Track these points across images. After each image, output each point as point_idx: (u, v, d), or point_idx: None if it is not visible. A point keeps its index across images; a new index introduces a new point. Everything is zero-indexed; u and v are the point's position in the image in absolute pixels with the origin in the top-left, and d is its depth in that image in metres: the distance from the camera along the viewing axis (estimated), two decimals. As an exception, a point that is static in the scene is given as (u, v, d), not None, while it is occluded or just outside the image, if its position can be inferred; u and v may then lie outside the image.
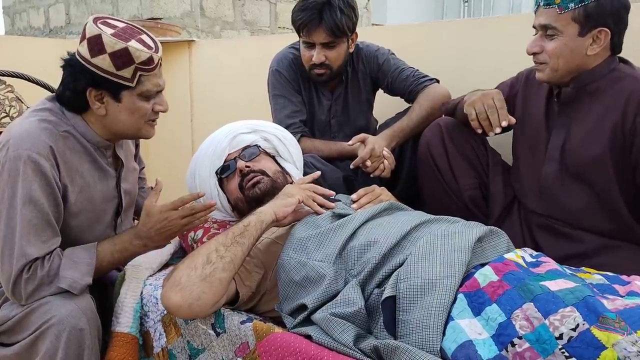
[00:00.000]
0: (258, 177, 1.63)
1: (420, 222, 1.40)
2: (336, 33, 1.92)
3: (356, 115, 2.17)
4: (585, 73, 1.54)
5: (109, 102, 1.45)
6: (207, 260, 1.31)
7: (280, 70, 2.07)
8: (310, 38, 1.95)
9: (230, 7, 4.34)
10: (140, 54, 1.39)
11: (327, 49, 1.96)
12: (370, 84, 2.15)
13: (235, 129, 1.74)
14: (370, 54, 2.11)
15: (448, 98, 1.98)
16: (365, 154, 1.80)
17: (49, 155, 1.41)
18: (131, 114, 1.47)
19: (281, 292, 1.38)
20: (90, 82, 1.42)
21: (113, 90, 1.43)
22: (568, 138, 1.59)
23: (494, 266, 1.21)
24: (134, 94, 1.44)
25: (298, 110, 2.05)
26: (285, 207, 1.46)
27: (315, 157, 1.93)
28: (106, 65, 1.38)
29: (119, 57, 1.37)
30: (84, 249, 1.46)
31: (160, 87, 1.49)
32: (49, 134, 1.43)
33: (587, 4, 1.45)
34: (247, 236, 1.37)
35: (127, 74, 1.40)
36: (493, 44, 2.13)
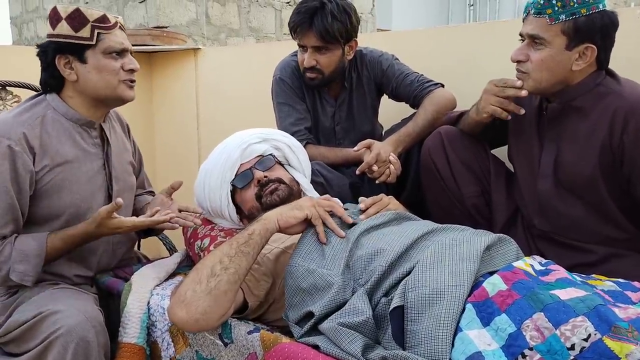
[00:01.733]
0: (276, 185, 1.62)
1: (428, 231, 1.39)
2: (325, 38, 1.91)
3: (361, 121, 2.16)
4: (571, 88, 1.52)
5: (77, 66, 1.55)
6: (211, 273, 1.29)
7: (283, 78, 2.07)
8: (302, 41, 1.96)
9: (236, 15, 4.36)
10: (93, 12, 1.52)
11: (319, 54, 1.96)
12: (374, 90, 2.14)
13: (246, 139, 1.72)
14: (374, 59, 2.10)
15: (453, 102, 1.97)
16: (371, 159, 1.79)
17: (21, 140, 1.48)
18: (99, 72, 1.55)
19: (288, 299, 1.37)
20: (56, 50, 1.53)
21: (77, 53, 1.53)
22: (559, 154, 1.58)
23: (503, 275, 1.20)
24: (97, 52, 1.54)
25: (302, 118, 2.05)
26: (290, 218, 1.42)
27: (322, 164, 1.92)
28: (65, 31, 1.51)
29: (73, 18, 1.50)
30: (36, 240, 1.50)
31: (124, 45, 1.57)
32: (23, 122, 1.52)
33: (578, 18, 1.43)
34: (251, 245, 1.35)
35: (85, 34, 1.51)
36: (498, 48, 2.11)
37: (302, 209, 1.44)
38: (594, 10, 1.43)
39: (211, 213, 1.77)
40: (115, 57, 1.55)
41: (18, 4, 5.31)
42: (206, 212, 1.80)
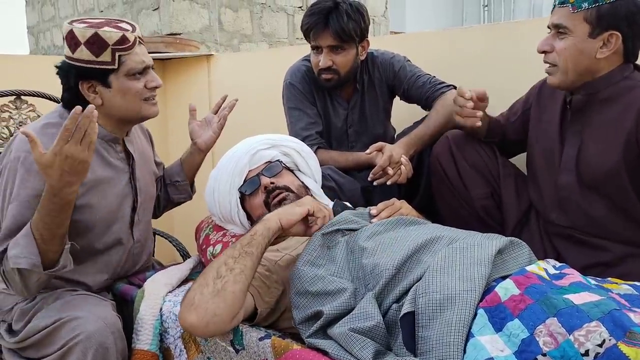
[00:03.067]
0: (284, 194, 1.62)
1: (438, 235, 1.38)
2: (342, 37, 1.92)
3: (373, 124, 2.15)
4: (597, 80, 1.50)
5: (101, 90, 1.52)
6: (217, 275, 1.30)
7: (294, 83, 2.07)
8: (317, 42, 1.96)
9: (248, 20, 4.38)
10: (112, 34, 1.46)
11: (334, 54, 1.96)
12: (386, 92, 2.13)
13: (255, 146, 1.73)
14: (385, 61, 2.10)
15: (465, 105, 1.95)
16: (384, 161, 1.78)
17: None
18: (124, 95, 1.53)
19: (293, 300, 1.37)
20: (78, 76, 1.50)
21: (100, 78, 1.50)
22: (582, 147, 1.55)
23: (515, 279, 1.18)
24: (120, 75, 1.50)
25: (314, 122, 2.05)
26: (292, 215, 1.43)
27: (333, 168, 1.92)
28: (85, 56, 1.47)
29: (92, 43, 1.45)
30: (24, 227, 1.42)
31: (145, 63, 1.54)
32: (51, 137, 1.44)
33: (601, 5, 1.42)
34: (255, 245, 1.36)
35: (106, 58, 1.47)
36: (513, 49, 2.10)
37: (303, 204, 1.46)
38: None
39: (222, 219, 1.77)
40: (138, 77, 1.53)
41: (35, 14, 5.39)
42: (217, 219, 1.80)
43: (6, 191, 1.46)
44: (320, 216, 1.46)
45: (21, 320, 1.52)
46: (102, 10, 4.60)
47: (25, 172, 1.44)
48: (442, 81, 2.01)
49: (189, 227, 2.06)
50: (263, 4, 4.47)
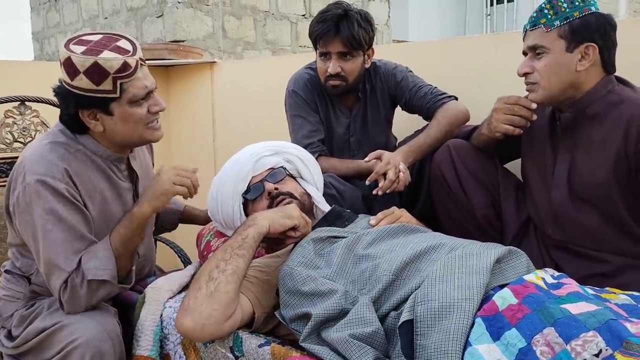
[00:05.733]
0: (287, 200, 1.63)
1: (437, 243, 1.39)
2: (352, 44, 1.94)
3: (375, 133, 2.16)
4: (583, 96, 1.53)
5: (103, 118, 1.47)
6: (209, 278, 1.33)
7: (296, 91, 2.09)
8: (326, 48, 1.97)
9: (252, 28, 4.40)
10: (112, 63, 1.39)
11: (343, 60, 1.98)
12: (388, 101, 2.15)
13: (258, 152, 1.74)
14: (388, 71, 2.11)
15: (466, 115, 1.97)
16: (380, 168, 1.79)
17: (64, 176, 1.46)
18: (126, 123, 1.48)
19: (283, 298, 1.38)
20: (78, 105, 1.45)
21: (102, 106, 1.45)
22: (573, 163, 1.57)
23: (513, 288, 1.19)
24: (122, 103, 1.45)
25: (316, 130, 2.06)
26: (281, 226, 1.48)
27: (334, 176, 1.93)
28: (85, 84, 1.40)
29: (92, 73, 1.38)
30: (101, 241, 1.50)
31: (148, 88, 1.48)
32: (61, 156, 1.48)
33: (572, 21, 1.48)
34: (246, 247, 1.39)
35: (108, 87, 1.41)
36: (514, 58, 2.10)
37: (293, 218, 1.50)
38: (587, 12, 1.47)
39: (224, 225, 1.78)
40: (141, 103, 1.47)
41: (39, 20, 5.44)
42: (219, 225, 1.81)
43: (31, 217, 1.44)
44: (302, 232, 1.51)
45: (20, 326, 1.52)
46: (106, 17, 4.63)
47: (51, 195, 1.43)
48: (443, 92, 2.03)
49: (191, 234, 2.07)
50: (267, 11, 4.50)
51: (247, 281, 1.45)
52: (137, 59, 1.45)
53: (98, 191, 1.54)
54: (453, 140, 1.82)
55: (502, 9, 7.95)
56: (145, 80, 1.47)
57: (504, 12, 7.91)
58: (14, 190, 1.47)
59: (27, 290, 1.60)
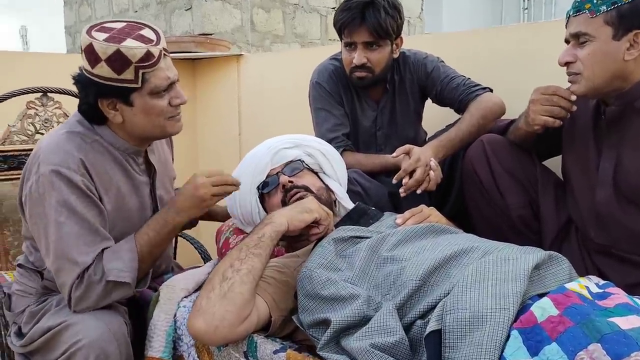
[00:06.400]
0: (301, 193, 1.56)
1: (469, 247, 1.28)
2: (379, 33, 1.83)
3: (404, 127, 2.05)
4: (630, 88, 1.39)
5: (123, 108, 1.42)
6: (222, 278, 1.26)
7: (320, 83, 1.99)
8: (351, 38, 1.87)
9: (281, 21, 4.33)
10: (135, 51, 1.33)
11: (369, 51, 1.87)
12: (418, 93, 2.04)
13: (278, 144, 1.67)
14: (418, 61, 2.00)
15: (502, 108, 1.85)
16: (409, 165, 1.68)
17: (80, 167, 1.40)
18: (147, 114, 1.43)
19: (301, 302, 1.29)
20: (98, 93, 1.39)
21: (122, 96, 1.39)
22: (619, 161, 1.44)
23: (554, 298, 1.07)
24: (143, 94, 1.39)
25: (340, 124, 1.96)
26: (300, 222, 1.39)
27: (359, 172, 1.83)
28: (106, 73, 1.35)
29: (114, 61, 1.33)
30: (125, 240, 1.45)
31: (170, 79, 1.42)
32: (77, 147, 1.43)
33: (620, 6, 1.33)
34: (262, 247, 1.32)
35: (129, 76, 1.35)
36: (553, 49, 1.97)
37: (312, 212, 1.42)
38: None
39: (243, 221, 1.71)
40: (162, 95, 1.42)
41: (72, 14, 5.47)
42: (238, 221, 1.74)
43: (44, 209, 1.38)
44: (325, 224, 1.43)
45: (30, 322, 1.48)
46: (136, 10, 4.62)
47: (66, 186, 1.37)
48: (477, 83, 1.91)
49: (212, 230, 2.00)
50: (296, 4, 4.41)
51: (264, 282, 1.37)
52: (161, 49, 1.39)
53: (114, 184, 1.49)
54: (487, 135, 1.70)
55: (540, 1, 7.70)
56: (168, 71, 1.42)
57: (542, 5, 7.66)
58: (27, 180, 1.42)
59: (39, 286, 1.55)
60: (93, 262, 1.38)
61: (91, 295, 1.37)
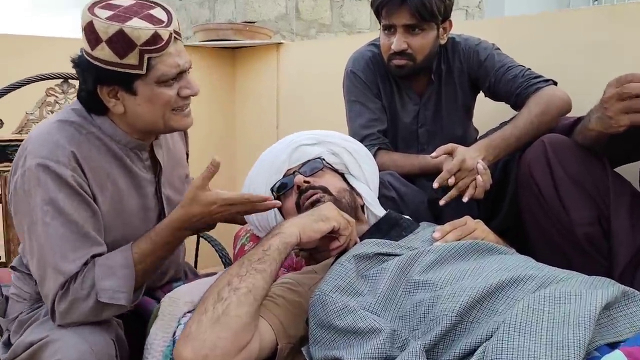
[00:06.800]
0: (318, 195, 1.35)
1: (521, 275, 1.03)
2: (422, 14, 1.58)
3: (450, 123, 1.80)
4: None
5: (125, 97, 1.25)
6: (218, 298, 1.06)
7: (355, 72, 1.76)
8: (390, 20, 1.63)
9: (328, 9, 4.11)
10: (140, 32, 1.16)
11: (410, 35, 1.63)
12: (468, 85, 1.78)
13: (297, 140, 1.48)
14: (469, 48, 1.74)
15: (567, 103, 1.58)
16: (452, 166, 1.43)
17: (71, 161, 1.24)
18: (152, 105, 1.26)
19: (313, 332, 1.09)
20: (97, 79, 1.23)
21: (124, 83, 1.22)
22: None
23: (628, 352, 0.83)
24: (148, 81, 1.22)
25: (376, 119, 1.73)
26: (314, 232, 1.17)
27: (394, 174, 1.59)
28: (107, 56, 1.18)
29: (116, 42, 1.16)
30: (120, 251, 1.27)
31: (180, 67, 1.24)
32: (70, 138, 1.26)
33: None
34: (267, 261, 1.10)
35: (132, 61, 1.18)
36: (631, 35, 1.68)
37: (329, 220, 1.19)
38: None
39: (259, 227, 1.52)
40: (170, 84, 1.25)
41: None
42: (254, 227, 1.55)
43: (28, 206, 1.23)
44: (346, 234, 1.21)
45: (17, 333, 1.34)
46: (182, -2, 4.52)
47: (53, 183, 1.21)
48: (538, 74, 1.64)
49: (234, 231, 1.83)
50: (345, -9, 4.20)
51: (271, 302, 1.17)
52: (171, 32, 1.22)
53: (111, 181, 1.32)
54: (549, 135, 1.43)
55: (613, -11, 7.14)
56: (178, 58, 1.24)
57: (615, -7, 7.10)
58: (14, 174, 1.28)
59: (33, 291, 1.41)
60: (79, 270, 1.21)
61: (77, 311, 1.21)
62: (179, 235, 1.30)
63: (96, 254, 1.25)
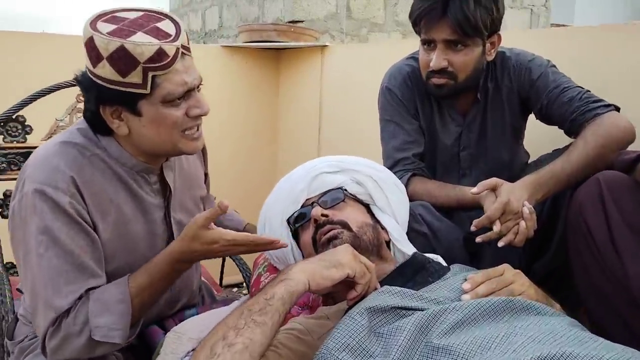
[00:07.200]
0: (335, 231, 1.22)
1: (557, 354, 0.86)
2: (465, 29, 1.41)
3: (496, 147, 1.62)
4: None
5: (129, 118, 1.16)
6: (210, 353, 0.95)
7: (391, 88, 1.62)
8: (429, 34, 1.47)
9: (381, 7, 3.93)
10: (143, 49, 1.07)
11: (452, 51, 1.46)
12: (517, 106, 1.60)
13: (317, 167, 1.36)
14: (520, 64, 1.56)
15: (630, 133, 1.39)
16: (495, 210, 1.26)
17: (69, 187, 1.16)
18: (158, 126, 1.17)
19: None
20: (99, 99, 1.14)
21: (127, 103, 1.14)
22: None
23: None
24: (153, 101, 1.13)
25: (412, 141, 1.58)
26: (324, 279, 1.03)
27: (427, 206, 1.44)
28: (109, 74, 1.09)
29: (117, 59, 1.08)
30: (115, 285, 1.19)
31: (188, 85, 1.15)
32: (71, 161, 1.18)
33: None
34: (269, 313, 0.98)
35: (136, 79, 1.09)
36: None
37: (343, 267, 1.05)
38: None
39: (276, 259, 1.40)
40: (178, 103, 1.17)
41: (175, -3, 5.46)
42: (271, 258, 1.43)
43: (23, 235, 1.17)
44: (363, 283, 1.07)
45: None
46: (233, -5, 4.45)
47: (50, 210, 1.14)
48: (598, 98, 1.44)
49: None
50: (400, -11, 4.01)
51: (273, 352, 1.05)
52: (178, 47, 1.12)
53: (114, 206, 1.23)
54: (606, 172, 1.25)
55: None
56: (186, 75, 1.15)
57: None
58: (13, 198, 1.21)
59: (37, 315, 1.35)
60: (72, 306, 1.13)
61: (69, 347, 1.13)
62: (177, 267, 1.21)
63: (93, 287, 1.17)
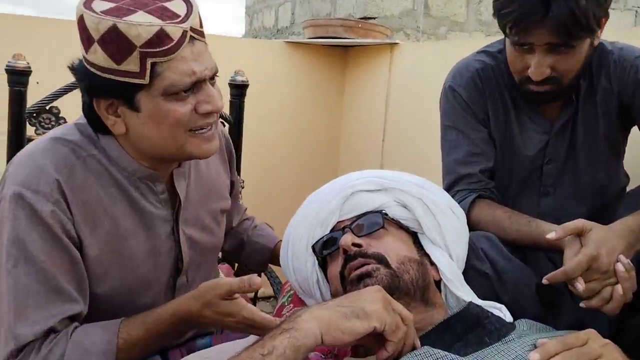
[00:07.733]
0: (369, 267, 0.97)
1: None
2: (572, 32, 1.10)
3: (589, 163, 1.30)
4: None
5: (126, 114, 0.97)
6: None
7: (455, 88, 1.31)
8: (526, 38, 1.15)
9: (463, 5, 3.59)
10: (140, 30, 0.88)
11: (555, 55, 1.15)
12: (616, 111, 1.26)
13: (353, 184, 1.10)
14: (625, 61, 1.23)
15: None
16: (577, 265, 0.95)
17: (53, 192, 0.97)
18: (158, 124, 0.96)
19: None
20: (92, 90, 0.95)
21: (124, 96, 0.94)
22: None
23: None
24: (154, 94, 0.94)
25: (478, 153, 1.27)
26: (344, 333, 0.78)
27: (493, 239, 1.12)
28: (102, 61, 0.91)
29: (109, 42, 0.90)
30: (103, 329, 0.98)
31: (197, 75, 0.94)
32: (60, 161, 0.99)
33: None
34: None
35: (132, 66, 0.90)
36: None
37: (368, 318, 0.79)
38: None
39: (301, 289, 1.16)
40: (184, 97, 0.97)
41: (252, -6, 5.36)
42: (296, 287, 1.19)
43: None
44: (395, 340, 0.80)
45: None
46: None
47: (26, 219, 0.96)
48: None
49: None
50: (484, -15, 3.65)
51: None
52: (186, 29, 0.92)
53: (109, 218, 1.03)
54: None
55: None
56: (195, 63, 0.94)
57: None
58: None
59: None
60: (42, 338, 0.94)
61: None
62: (180, 328, 1.01)
63: (71, 315, 0.97)
